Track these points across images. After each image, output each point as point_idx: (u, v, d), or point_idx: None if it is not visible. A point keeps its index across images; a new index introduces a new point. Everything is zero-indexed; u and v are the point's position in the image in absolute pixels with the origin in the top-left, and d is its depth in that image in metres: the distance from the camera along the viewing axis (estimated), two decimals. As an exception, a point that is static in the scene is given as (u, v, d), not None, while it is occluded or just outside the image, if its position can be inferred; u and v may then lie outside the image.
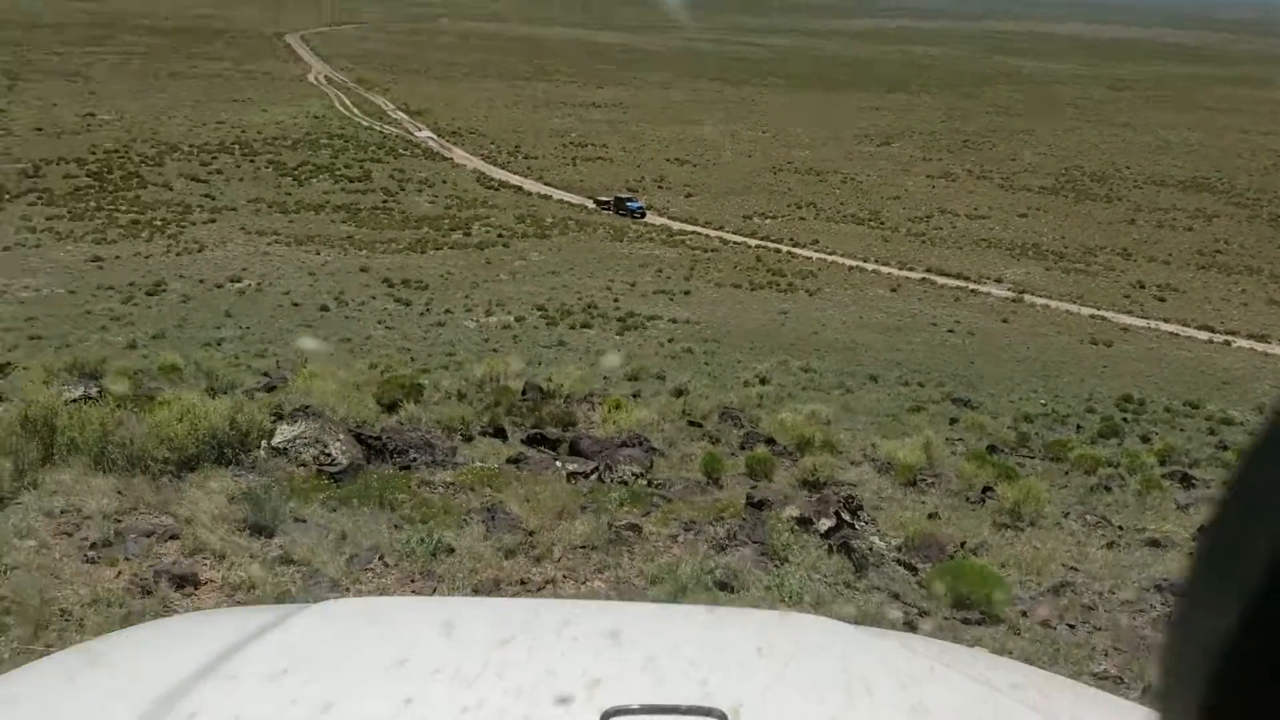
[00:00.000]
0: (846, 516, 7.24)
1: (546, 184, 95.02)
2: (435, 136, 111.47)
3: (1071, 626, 6.57)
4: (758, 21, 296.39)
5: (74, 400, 8.54)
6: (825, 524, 7.05)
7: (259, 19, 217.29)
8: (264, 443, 8.15)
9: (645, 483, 8.55)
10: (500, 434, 10.99)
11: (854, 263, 74.59)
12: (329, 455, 8.13)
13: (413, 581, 5.69)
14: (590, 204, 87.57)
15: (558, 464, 9.10)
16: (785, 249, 77.82)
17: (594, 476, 8.52)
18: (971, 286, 69.93)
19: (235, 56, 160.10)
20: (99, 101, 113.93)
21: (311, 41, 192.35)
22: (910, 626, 5.95)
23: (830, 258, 75.67)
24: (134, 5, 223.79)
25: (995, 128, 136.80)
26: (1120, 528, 10.25)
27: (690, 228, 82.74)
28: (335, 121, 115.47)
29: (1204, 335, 61.89)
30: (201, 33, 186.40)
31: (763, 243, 79.35)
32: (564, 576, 5.98)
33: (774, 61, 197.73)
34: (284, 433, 8.39)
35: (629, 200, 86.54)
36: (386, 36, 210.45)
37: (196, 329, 43.31)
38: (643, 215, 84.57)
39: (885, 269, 73.62)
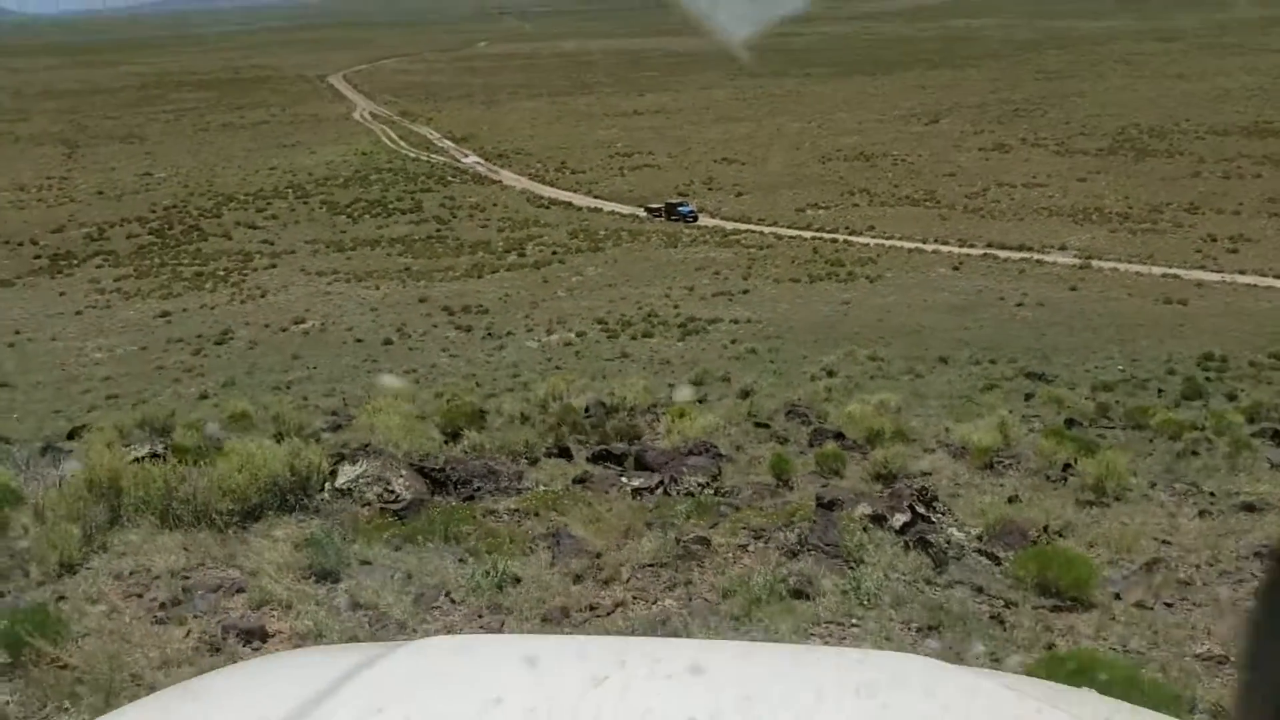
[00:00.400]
0: (921, 509, 7.01)
1: (596, 197, 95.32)
2: (482, 161, 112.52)
3: (1169, 605, 6.27)
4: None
5: (140, 458, 8.58)
6: (899, 519, 6.83)
7: (301, 63, 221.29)
8: (327, 485, 8.12)
9: (712, 492, 8.37)
10: (565, 454, 10.87)
11: (913, 245, 73.79)
12: (392, 492, 8.06)
13: (480, 616, 5.58)
14: (641, 213, 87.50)
15: (623, 480, 8.96)
16: (841, 238, 77.20)
17: (659, 490, 8.37)
18: (1036, 257, 68.80)
19: (281, 102, 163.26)
20: (155, 160, 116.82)
21: (354, 80, 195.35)
22: (997, 620, 5.71)
23: (888, 242, 74.92)
24: (179, 63, 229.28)
25: (1045, 93, 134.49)
26: (1211, 494, 9.86)
27: (744, 226, 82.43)
28: (383, 156, 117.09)
29: (1284, 283, 60.28)
30: (246, 83, 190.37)
31: (818, 234, 78.81)
32: (634, 598, 5.83)
33: (814, 51, 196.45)
34: (346, 473, 8.34)
35: (680, 205, 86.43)
36: (426, 66, 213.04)
37: (266, 373, 44.06)
38: (695, 219, 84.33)
39: (945, 248, 72.72)
